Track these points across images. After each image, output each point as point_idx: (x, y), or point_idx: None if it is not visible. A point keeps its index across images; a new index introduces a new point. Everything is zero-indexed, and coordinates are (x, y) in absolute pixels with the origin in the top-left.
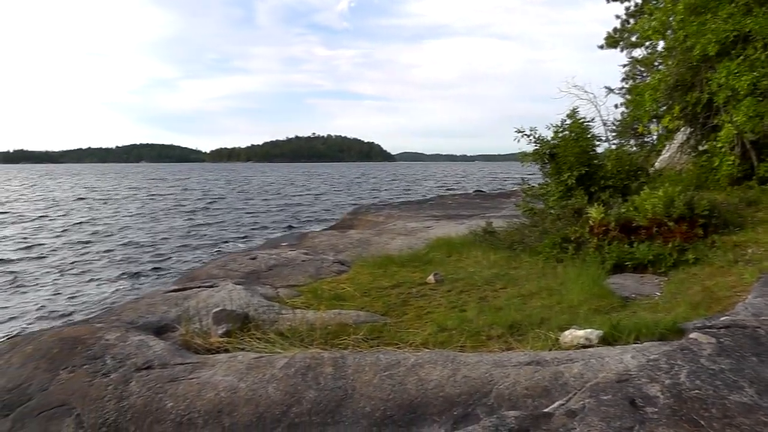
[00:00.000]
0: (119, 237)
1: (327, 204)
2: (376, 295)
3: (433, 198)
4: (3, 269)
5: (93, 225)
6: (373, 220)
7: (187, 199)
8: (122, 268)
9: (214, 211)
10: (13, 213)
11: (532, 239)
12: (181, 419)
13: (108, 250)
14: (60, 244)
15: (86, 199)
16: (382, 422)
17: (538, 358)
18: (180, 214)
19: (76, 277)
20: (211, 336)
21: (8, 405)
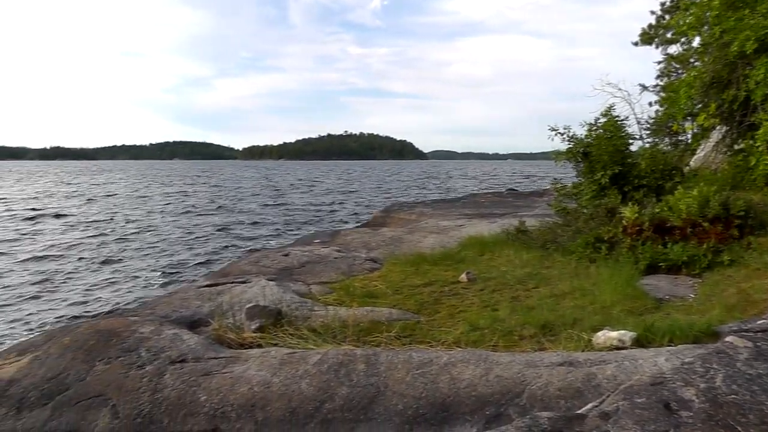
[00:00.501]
0: (154, 233)
1: (359, 201)
2: (409, 293)
3: (466, 196)
4: (43, 263)
5: (129, 221)
6: (405, 218)
7: (221, 196)
8: (157, 264)
9: (246, 208)
10: (51, 209)
11: (565, 239)
12: (215, 412)
13: (143, 246)
14: (97, 239)
15: (118, 195)
16: (415, 420)
17: (570, 359)
18: (214, 211)
19: (112, 272)
20: (244, 331)
21: (47, 394)
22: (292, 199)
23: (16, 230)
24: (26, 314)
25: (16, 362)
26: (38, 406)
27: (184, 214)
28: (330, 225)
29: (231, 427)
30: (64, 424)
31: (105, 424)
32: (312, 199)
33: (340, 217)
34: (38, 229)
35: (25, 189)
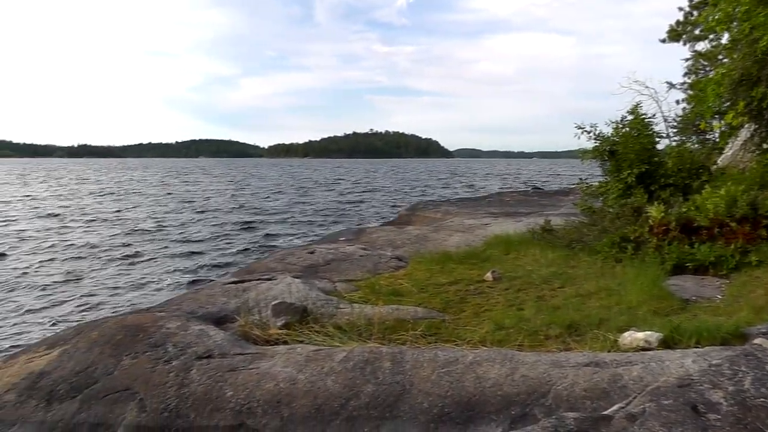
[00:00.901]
0: (180, 230)
1: (384, 200)
2: (434, 291)
3: (491, 195)
4: (71, 260)
5: (155, 218)
6: (430, 217)
7: (246, 194)
8: (183, 260)
9: (272, 205)
10: (78, 207)
11: (591, 238)
12: (241, 408)
13: (169, 243)
14: (123, 236)
15: (145, 193)
16: (440, 419)
17: (596, 359)
18: (239, 208)
19: (138, 268)
20: (269, 328)
21: (76, 387)
22: (318, 197)
23: (44, 228)
24: (54, 309)
25: (46, 355)
26: (67, 399)
27: (209, 212)
28: (355, 223)
29: (257, 423)
30: (92, 416)
31: (132, 418)
32: (337, 197)
33: (365, 215)
34: (65, 226)
35: (52, 186)
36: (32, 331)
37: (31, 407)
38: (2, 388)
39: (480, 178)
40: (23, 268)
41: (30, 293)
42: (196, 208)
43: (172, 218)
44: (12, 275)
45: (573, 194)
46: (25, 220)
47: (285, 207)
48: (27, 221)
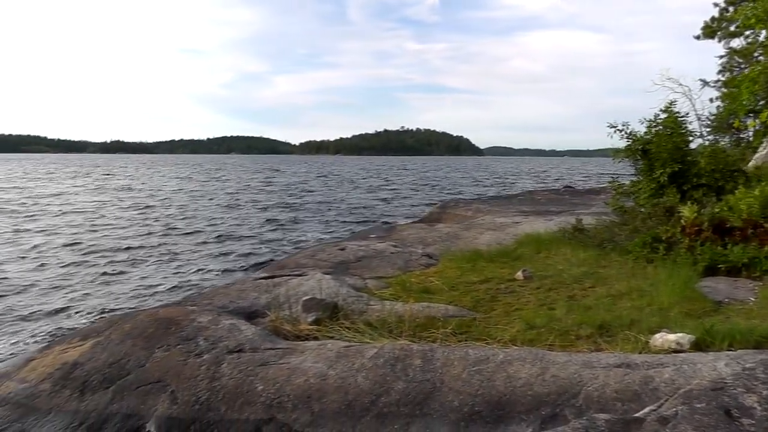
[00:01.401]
0: (213, 225)
1: (415, 197)
2: (465, 289)
3: (522, 193)
4: (105, 254)
5: (188, 214)
6: (461, 215)
7: (278, 190)
8: (215, 255)
9: (304, 202)
10: (113, 201)
11: (622, 238)
12: (271, 402)
13: (202, 238)
14: (156, 231)
15: (178, 189)
16: (470, 417)
17: (628, 360)
18: (271, 205)
19: (170, 262)
20: (300, 323)
21: (109, 378)
22: (348, 194)
23: (81, 223)
24: (88, 301)
25: (80, 347)
26: (100, 390)
27: (242, 208)
28: (386, 220)
29: (287, 418)
30: (124, 407)
31: (164, 410)
32: (368, 195)
33: (396, 213)
34: (101, 221)
35: (88, 181)
36: (65, 322)
37: (65, 397)
38: (38, 377)
39: (511, 176)
40: (54, 262)
41: (61, 286)
42: (226, 204)
43: (202, 214)
44: (44, 269)
45: (604, 193)
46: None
47: (316, 203)
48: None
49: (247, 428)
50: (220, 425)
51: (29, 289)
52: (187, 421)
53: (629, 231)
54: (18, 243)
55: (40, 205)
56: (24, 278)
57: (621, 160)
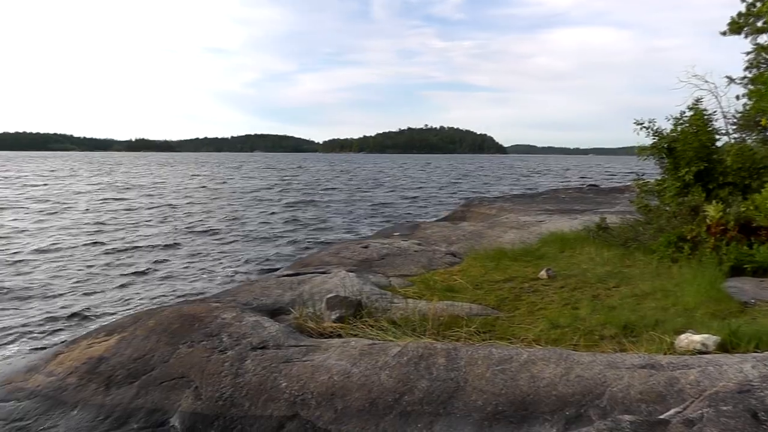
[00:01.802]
0: (236, 223)
1: (439, 195)
2: (488, 288)
3: (546, 191)
4: (129, 251)
5: (211, 212)
6: (485, 213)
7: (300, 188)
8: (238, 252)
9: (327, 200)
10: (139, 199)
11: (647, 237)
12: (295, 399)
13: (225, 235)
14: (180, 228)
15: (202, 187)
16: (494, 417)
17: (652, 361)
18: (295, 203)
19: (194, 259)
20: (324, 321)
21: (133, 373)
22: (372, 191)
23: (105, 220)
24: (113, 297)
25: (105, 341)
26: (125, 384)
27: (265, 206)
28: (410, 218)
29: (311, 415)
30: (149, 402)
31: (188, 405)
32: (391, 193)
33: (419, 211)
34: (125, 219)
35: (113, 179)
36: (90, 317)
37: (91, 391)
38: (65, 371)
39: (535, 175)
40: (79, 258)
41: (86, 281)
42: (249, 202)
43: (225, 211)
44: (67, 266)
45: (629, 192)
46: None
47: (340, 201)
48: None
49: (270, 425)
50: (243, 421)
51: (56, 285)
52: (211, 417)
53: (654, 230)
54: (44, 239)
55: (67, 203)
56: (50, 273)
57: (646, 158)
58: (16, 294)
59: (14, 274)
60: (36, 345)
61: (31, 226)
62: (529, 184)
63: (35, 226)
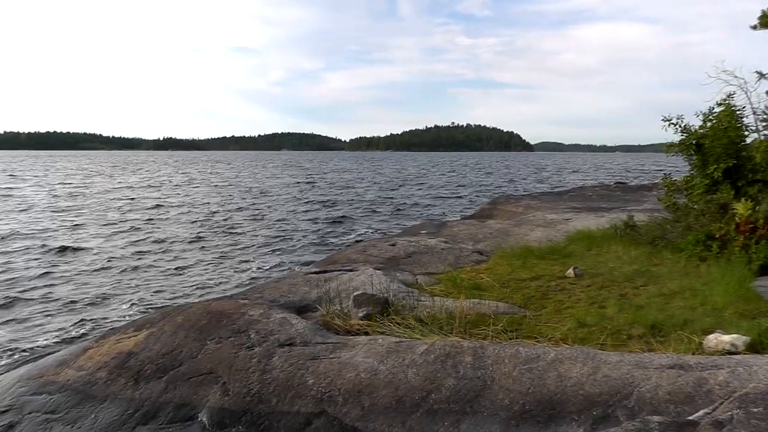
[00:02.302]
0: (263, 220)
1: (465, 193)
2: (515, 286)
3: (573, 189)
4: (159, 245)
5: (239, 209)
6: (512, 211)
7: (326, 186)
8: (265, 249)
9: (354, 197)
10: (170, 197)
11: (675, 235)
12: (322, 396)
13: (253, 233)
14: (207, 225)
15: (230, 185)
16: (521, 416)
17: (681, 362)
18: (321, 200)
19: (221, 256)
20: (351, 318)
21: (162, 368)
22: (399, 189)
23: (138, 218)
24: (141, 293)
25: (134, 337)
26: (154, 379)
27: (292, 204)
28: (436, 216)
29: (338, 412)
30: (177, 396)
31: (215, 400)
32: (418, 191)
33: (446, 209)
34: (158, 216)
35: (143, 177)
36: (118, 314)
37: (120, 385)
38: (94, 366)
39: (561, 172)
40: (109, 255)
41: (115, 277)
42: (278, 200)
43: (252, 209)
44: (98, 262)
45: (656, 189)
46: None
47: (367, 199)
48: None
49: (297, 421)
50: (271, 417)
51: (86, 281)
52: (239, 413)
53: (682, 228)
54: (78, 237)
55: (100, 200)
56: (80, 270)
57: (674, 154)
58: (44, 291)
59: (47, 267)
60: (64, 339)
61: (67, 223)
62: (556, 182)
63: (71, 223)
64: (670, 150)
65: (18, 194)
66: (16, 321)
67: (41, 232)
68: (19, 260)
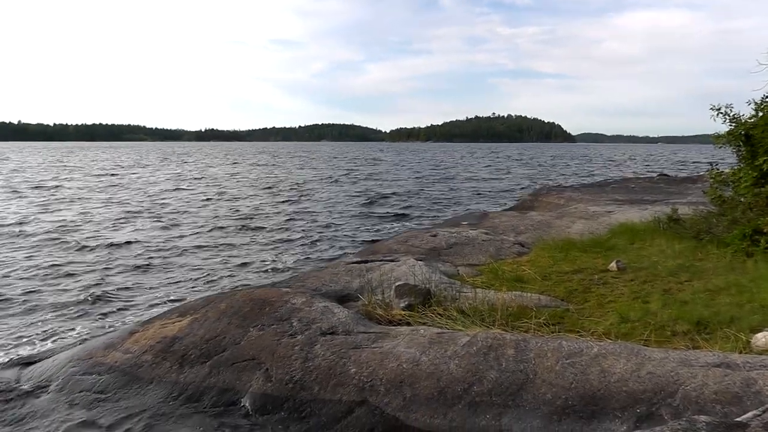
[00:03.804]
0: (304, 210)
1: (507, 184)
2: (557, 279)
3: (615, 181)
4: (201, 235)
5: (282, 199)
6: (553, 202)
7: (367, 175)
8: (307, 239)
9: (396, 188)
10: (218, 187)
11: (720, 229)
12: (364, 385)
13: (295, 222)
14: (249, 215)
15: (273, 176)
16: (563, 411)
17: (727, 360)
18: (363, 191)
19: (264, 245)
20: (392, 308)
21: (206, 353)
22: (441, 180)
23: (178, 207)
24: (186, 280)
25: (178, 322)
26: (198, 364)
27: (334, 193)
28: (477, 207)
29: (379, 401)
30: (221, 382)
31: (258, 386)
32: (459, 183)
33: (487, 200)
34: (200, 205)
35: (189, 168)
36: (162, 299)
37: (165, 368)
38: (140, 349)
39: (603, 163)
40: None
41: (159, 265)
42: (320, 190)
43: (296, 199)
44: (142, 249)
45: (701, 181)
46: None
47: (407, 190)
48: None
49: (339, 409)
50: (312, 404)
51: (131, 268)
52: (281, 399)
53: (728, 222)
54: (122, 228)
55: (144, 189)
56: (126, 258)
57: (722, 146)
58: (88, 277)
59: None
60: (112, 323)
61: (112, 213)
62: (598, 173)
63: (117, 214)
64: (718, 141)
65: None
66: (64, 304)
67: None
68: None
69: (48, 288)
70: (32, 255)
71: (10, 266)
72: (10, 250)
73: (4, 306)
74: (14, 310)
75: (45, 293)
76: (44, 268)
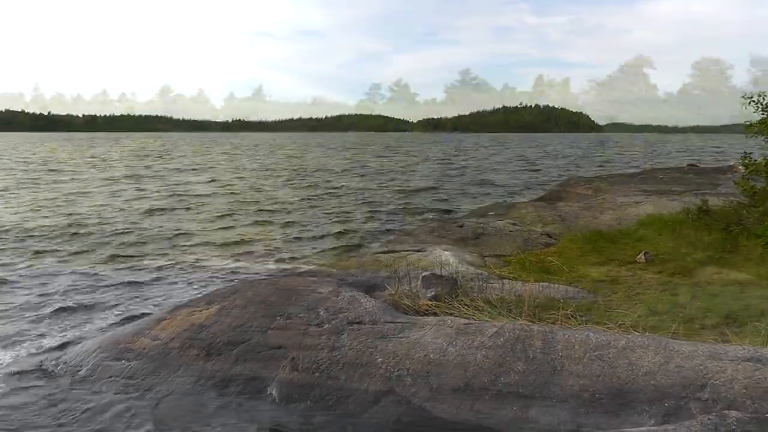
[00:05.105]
0: (334, 199)
1: (532, 176)
2: (584, 270)
3: (644, 171)
4: (224, 221)
5: (311, 186)
6: (581, 193)
7: (395, 164)
8: (335, 228)
9: (423, 178)
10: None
11: (751, 221)
12: (390, 375)
13: (323, 211)
14: (279, 202)
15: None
16: (590, 404)
17: (758, 354)
18: (390, 181)
19: (292, 233)
20: (419, 298)
21: (232, 341)
22: (466, 171)
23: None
24: (212, 268)
25: (205, 310)
26: (225, 352)
27: (362, 184)
28: (504, 198)
29: (406, 391)
30: (247, 369)
31: (285, 375)
32: (485, 174)
33: (514, 190)
34: (232, 193)
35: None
36: (190, 287)
37: (192, 356)
38: (168, 336)
39: (631, 153)
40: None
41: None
42: (346, 180)
43: (323, 188)
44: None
45: (732, 172)
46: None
47: (434, 180)
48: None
49: (366, 398)
50: (339, 393)
51: (159, 255)
52: (308, 387)
53: (759, 214)
54: (161, 215)
55: (178, 172)
56: (154, 242)
57: (753, 136)
58: (116, 263)
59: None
60: (139, 310)
61: (141, 204)
62: (625, 164)
63: (147, 206)
64: (749, 130)
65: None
66: (93, 288)
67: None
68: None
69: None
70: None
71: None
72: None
73: (31, 292)
74: (42, 297)
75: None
76: (68, 255)
